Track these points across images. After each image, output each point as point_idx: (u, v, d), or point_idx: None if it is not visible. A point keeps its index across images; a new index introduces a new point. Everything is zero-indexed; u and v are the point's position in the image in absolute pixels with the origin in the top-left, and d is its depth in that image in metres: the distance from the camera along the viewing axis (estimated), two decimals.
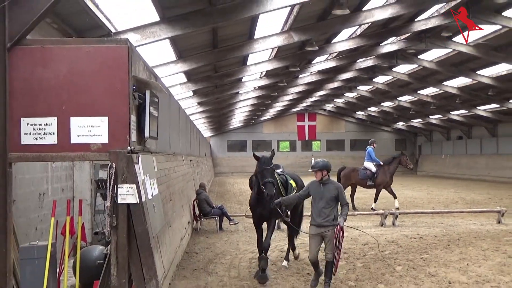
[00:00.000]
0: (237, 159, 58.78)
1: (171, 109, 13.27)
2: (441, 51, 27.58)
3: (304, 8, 16.38)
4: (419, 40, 25.37)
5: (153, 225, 7.87)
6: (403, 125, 57.74)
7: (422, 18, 21.56)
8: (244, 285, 9.05)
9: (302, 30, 18.74)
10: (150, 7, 12.47)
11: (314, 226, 8.66)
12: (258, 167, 9.72)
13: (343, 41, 23.48)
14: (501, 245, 12.73)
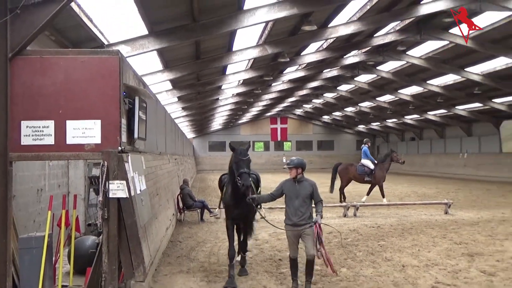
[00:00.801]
0: (217, 158, 58.62)
1: (157, 113, 13.19)
2: (396, 63, 27.93)
3: (277, 24, 16.43)
4: (377, 53, 25.65)
5: (141, 217, 7.82)
6: (364, 127, 58.28)
7: (380, 34, 21.79)
8: (223, 269, 9.02)
9: (275, 43, 18.80)
10: (139, 22, 12.40)
11: (290, 226, 7.63)
12: (234, 158, 8.26)
13: (311, 54, 23.61)
14: (448, 232, 12.92)
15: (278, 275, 8.69)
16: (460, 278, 8.31)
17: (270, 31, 17.28)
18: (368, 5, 16.86)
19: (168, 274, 8.73)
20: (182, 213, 15.83)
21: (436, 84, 30.93)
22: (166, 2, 11.96)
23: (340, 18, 17.90)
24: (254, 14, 13.87)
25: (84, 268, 7.57)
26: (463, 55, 24.08)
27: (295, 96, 41.34)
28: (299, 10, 14.05)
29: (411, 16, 18.15)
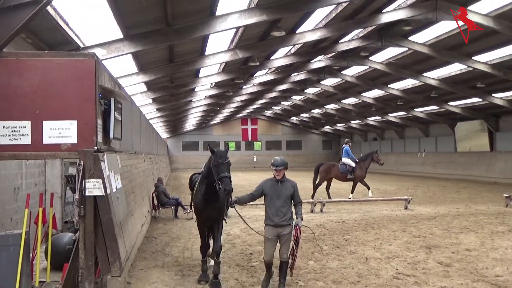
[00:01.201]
0: (191, 157, 58.33)
1: (133, 114, 13.03)
2: (360, 68, 28.28)
3: (247, 30, 16.43)
4: (342, 58, 25.89)
5: (117, 214, 7.72)
6: (329, 128, 58.81)
7: (345, 40, 22.00)
8: (196, 264, 8.97)
9: (245, 48, 18.79)
10: (114, 26, 12.24)
11: (271, 227, 7.14)
12: (214, 161, 7.41)
13: (280, 58, 23.70)
14: (408, 227, 13.15)
15: (249, 268, 8.68)
16: (418, 269, 8.46)
17: (241, 36, 17.27)
18: (333, 13, 17.01)
19: (144, 269, 8.62)
20: (157, 210, 15.68)
21: (397, 88, 31.44)
22: (140, 7, 11.82)
23: (307, 25, 18.01)
24: (226, 20, 13.84)
25: (61, 264, 7.42)
26: (421, 61, 24.53)
27: (265, 98, 41.44)
28: (268, 17, 14.09)
29: (373, 24, 18.39)
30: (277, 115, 57.23)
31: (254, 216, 15.18)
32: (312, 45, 22.03)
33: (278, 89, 35.47)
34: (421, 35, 20.95)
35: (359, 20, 17.98)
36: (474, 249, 10.06)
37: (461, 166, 34.78)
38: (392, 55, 24.55)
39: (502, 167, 30.97)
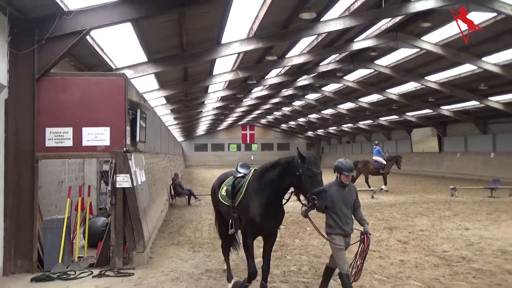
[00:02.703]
0: (201, 156, 58.28)
1: (155, 122, 13.01)
2: (336, 85, 28.29)
3: (246, 54, 16.42)
4: (322, 77, 25.90)
5: (142, 202, 7.69)
6: (312, 133, 58.78)
7: (324, 63, 22.01)
8: (205, 242, 8.94)
9: (245, 69, 18.77)
10: (140, 52, 12.21)
11: (342, 237, 5.16)
12: (306, 170, 4.81)
13: (272, 77, 23.69)
14: (373, 212, 13.14)
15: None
16: (382, 246, 8.45)
17: (242, 60, 17.26)
18: (315, 42, 17.01)
19: (163, 246, 8.58)
20: (173, 199, 15.63)
21: (365, 101, 31.47)
22: (161, 37, 11.80)
23: (294, 51, 18.01)
24: (229, 47, 13.81)
25: (96, 243, 7.40)
26: (385, 80, 24.56)
27: (261, 109, 41.42)
28: (264, 44, 14.08)
29: (347, 50, 18.41)
30: (270, 123, 57.17)
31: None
32: (298, 67, 22.04)
33: (271, 102, 35.48)
34: (384, 59, 20.99)
35: (336, 47, 18.00)
36: (426, 230, 10.06)
37: (416, 164, 34.77)
38: (362, 75, 24.59)
39: (448, 165, 31.03)
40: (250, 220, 5.22)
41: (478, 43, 16.33)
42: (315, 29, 13.72)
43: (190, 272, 6.67)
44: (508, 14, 12.93)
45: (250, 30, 13.62)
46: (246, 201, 5.33)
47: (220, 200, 6.01)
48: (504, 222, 10.98)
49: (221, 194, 6.01)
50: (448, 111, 28.27)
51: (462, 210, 13.20)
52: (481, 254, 7.68)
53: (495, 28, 14.57)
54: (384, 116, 35.83)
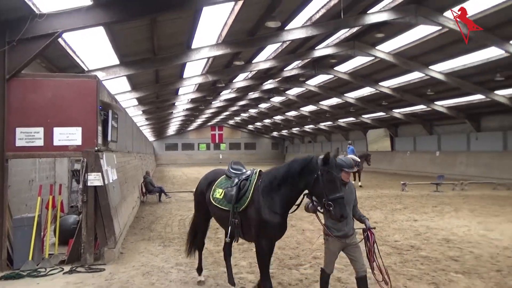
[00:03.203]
0: (172, 155, 57.40)
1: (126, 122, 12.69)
2: (299, 89, 28.60)
3: (216, 59, 16.31)
4: (286, 82, 26.10)
5: (113, 200, 7.47)
6: (276, 133, 59.17)
7: (288, 69, 22.22)
8: (175, 237, 8.80)
9: (214, 73, 18.66)
10: (113, 54, 11.86)
11: (339, 238, 4.40)
12: (326, 174, 4.06)
13: (240, 81, 23.65)
14: None
15: (216, 239, 8.58)
16: None
17: (211, 64, 17.13)
18: (279, 49, 17.13)
19: (134, 242, 8.38)
20: (144, 196, 15.31)
21: (325, 104, 32.00)
22: (133, 41, 11.51)
23: (261, 57, 18.06)
24: (199, 52, 13.67)
25: (67, 240, 7.12)
26: (343, 85, 25.06)
27: (229, 111, 41.27)
28: (232, 50, 14.03)
29: (309, 57, 18.65)
30: (238, 123, 57.09)
31: None
32: (264, 72, 22.13)
33: (238, 104, 35.44)
34: (343, 66, 21.43)
35: (299, 54, 18.20)
36: (380, 222, 10.33)
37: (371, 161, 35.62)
38: (323, 80, 24.98)
39: (400, 162, 32.06)
40: (264, 223, 4.36)
41: (425, 53, 17.00)
42: (280, 37, 13.82)
43: (161, 266, 6.55)
44: (451, 28, 13.52)
45: (219, 36, 13.54)
46: (256, 205, 4.44)
47: (213, 203, 4.97)
48: (448, 214, 11.47)
49: (214, 197, 4.99)
50: (399, 114, 29.23)
51: (411, 204, 13.66)
52: (427, 243, 7.99)
53: (440, 40, 15.20)
54: (343, 118, 36.46)
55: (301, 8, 12.46)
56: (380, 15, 13.43)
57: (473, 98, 21.88)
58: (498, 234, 8.71)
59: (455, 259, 6.82)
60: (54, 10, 6.70)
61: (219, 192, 4.94)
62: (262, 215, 4.41)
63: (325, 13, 12.99)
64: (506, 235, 8.62)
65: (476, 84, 19.30)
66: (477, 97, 21.21)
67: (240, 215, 4.64)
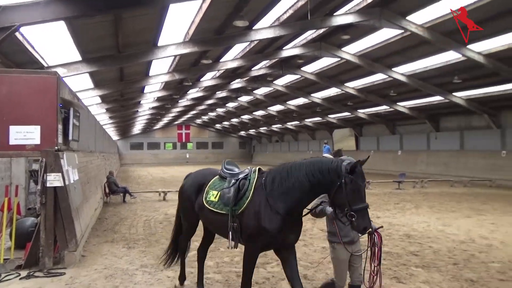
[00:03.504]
0: (137, 155, 56.14)
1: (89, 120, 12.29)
2: (267, 89, 28.79)
3: (183, 57, 16.13)
4: (254, 81, 26.20)
5: (74, 201, 7.21)
6: (244, 133, 59.22)
7: (256, 68, 22.31)
8: (140, 238, 8.61)
9: (181, 71, 18.44)
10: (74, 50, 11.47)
11: (347, 245, 4.11)
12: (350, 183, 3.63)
13: (208, 80, 23.52)
14: None
15: None
16: (307, 235, 8.72)
17: (178, 62, 16.92)
18: (247, 48, 17.18)
19: (96, 244, 8.12)
20: (108, 196, 14.88)
21: (293, 104, 32.37)
22: (96, 36, 11.17)
23: (228, 56, 18.04)
24: (166, 49, 13.48)
25: (24, 244, 6.78)
26: (310, 85, 25.45)
27: (196, 110, 40.90)
28: (199, 48, 13.93)
29: (276, 57, 18.82)
30: (205, 123, 56.67)
31: None
32: (232, 71, 22.11)
33: (206, 103, 35.19)
34: (310, 66, 21.77)
35: (266, 54, 18.32)
36: None
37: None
38: (290, 80, 25.26)
39: None
40: (262, 230, 3.91)
41: (389, 55, 17.58)
42: (247, 36, 13.86)
43: (125, 268, 6.39)
44: (413, 31, 14.06)
45: (187, 34, 13.40)
46: (256, 207, 4.01)
47: (208, 207, 4.46)
48: (409, 211, 11.92)
49: (209, 200, 4.47)
50: (364, 114, 30.04)
51: (375, 201, 14.06)
52: (390, 239, 8.26)
53: (402, 43, 15.77)
54: (309, 117, 37.01)
55: (269, 8, 12.55)
56: (346, 17, 13.75)
57: (433, 99, 22.84)
58: (455, 229, 9.13)
59: (415, 253, 7.10)
60: (11, 2, 6.39)
61: (214, 195, 4.45)
62: (264, 218, 3.91)
63: (293, 13, 13.15)
64: (462, 230, 9.07)
65: (435, 86, 20.17)
66: (437, 98, 22.17)
67: (239, 218, 4.15)
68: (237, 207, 4.18)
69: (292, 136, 47.96)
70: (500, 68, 15.82)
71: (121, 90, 19.84)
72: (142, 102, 27.13)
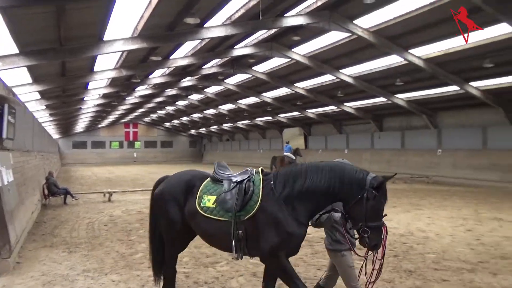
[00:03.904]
0: (80, 154, 53.38)
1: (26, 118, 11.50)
2: (218, 88, 28.66)
3: (131, 53, 15.61)
4: (205, 80, 25.95)
5: (8, 204, 6.71)
6: (195, 131, 58.39)
7: (207, 67, 22.11)
8: (82, 242, 8.20)
9: (129, 67, 17.81)
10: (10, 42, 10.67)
11: (351, 251, 3.93)
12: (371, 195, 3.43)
13: (157, 77, 22.93)
14: None
15: (128, 242, 8.18)
16: None
17: (125, 58, 16.33)
18: (198, 46, 16.97)
19: (33, 250, 7.60)
20: (47, 198, 14.00)
21: (244, 103, 32.48)
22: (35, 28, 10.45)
23: (179, 53, 17.70)
24: (113, 44, 12.94)
25: None
26: (261, 84, 25.68)
27: (145, 108, 39.68)
28: (148, 44, 13.54)
29: (228, 56, 18.78)
30: (154, 121, 55.17)
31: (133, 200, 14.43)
32: (182, 69, 21.73)
33: (155, 101, 34.28)
34: (261, 66, 21.97)
35: (218, 53, 18.21)
36: None
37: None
38: (241, 79, 25.33)
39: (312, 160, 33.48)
40: (285, 233, 3.59)
41: (337, 57, 18.20)
42: (198, 34, 13.69)
43: (65, 274, 6.05)
44: (359, 35, 14.65)
45: (135, 29, 12.97)
46: (269, 213, 3.66)
47: (203, 214, 3.97)
48: None
49: (204, 206, 3.99)
50: (313, 114, 30.85)
51: None
52: None
53: (349, 46, 16.39)
54: (260, 117, 37.31)
55: (220, 7, 12.48)
56: (296, 19, 14.02)
57: (377, 100, 23.98)
58: (395, 223, 9.64)
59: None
60: None
61: (210, 200, 3.98)
62: (282, 221, 3.60)
63: (245, 13, 13.18)
64: (402, 223, 9.61)
65: (379, 87, 21.19)
66: (380, 99, 23.31)
67: (245, 225, 3.75)
68: (242, 212, 3.77)
69: (243, 135, 48.13)
70: (437, 72, 16.95)
71: (62, 86, 18.79)
72: (86, 99, 25.86)
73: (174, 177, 4.48)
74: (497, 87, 17.80)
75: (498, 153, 19.24)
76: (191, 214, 4.07)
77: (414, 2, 12.61)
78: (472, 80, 17.80)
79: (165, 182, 4.44)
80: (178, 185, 4.27)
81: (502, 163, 18.77)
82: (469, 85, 18.01)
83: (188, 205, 4.11)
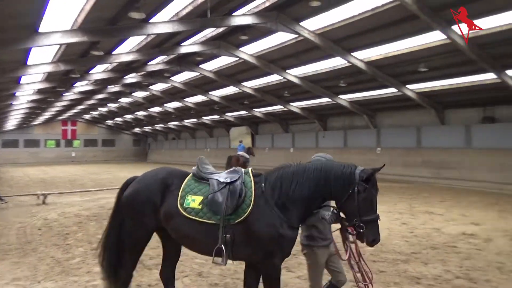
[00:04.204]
0: (10, 153, 49.44)
1: None
2: (164, 85, 27.96)
3: (69, 47, 14.71)
4: (150, 76, 25.20)
5: None
6: (139, 130, 56.53)
7: (152, 63, 21.49)
8: (12, 248, 7.58)
9: (67, 62, 16.77)
10: None
11: (324, 248, 3.94)
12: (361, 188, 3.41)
13: (99, 73, 21.84)
14: None
15: (65, 246, 7.71)
16: None
17: (64, 51, 15.37)
18: (144, 42, 16.41)
19: None
20: None
21: (190, 101, 32.02)
22: None
23: (123, 48, 17.00)
24: (49, 37, 12.11)
25: None
26: (208, 83, 25.46)
27: (84, 105, 37.63)
28: (89, 38, 12.85)
29: (174, 53, 18.38)
30: (95, 118, 52.59)
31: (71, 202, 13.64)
32: (126, 65, 20.89)
33: (96, 98, 32.66)
34: (208, 64, 21.76)
35: (164, 49, 17.74)
36: None
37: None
38: (188, 77, 24.93)
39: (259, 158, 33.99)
40: (278, 237, 3.51)
41: (283, 57, 18.53)
42: (144, 29, 13.23)
43: None
44: (305, 37, 15.03)
45: (75, 22, 12.25)
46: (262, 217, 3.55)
47: (186, 216, 3.71)
48: None
49: (188, 207, 3.73)
50: (260, 113, 31.18)
51: None
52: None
53: (296, 47, 16.77)
54: (207, 115, 37.00)
55: (167, 2, 12.17)
56: (244, 18, 14.06)
57: (321, 100, 24.78)
58: None
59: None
60: None
61: (195, 200, 3.74)
62: (278, 224, 3.50)
63: (192, 10, 12.96)
64: None
65: (324, 88, 21.91)
66: (325, 100, 24.11)
67: (233, 229, 3.58)
68: (233, 216, 3.59)
69: (189, 133, 47.48)
70: (377, 74, 17.88)
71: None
72: (18, 94, 23.99)
73: (148, 175, 4.16)
74: (430, 90, 19.19)
75: (430, 151, 20.79)
76: (169, 215, 3.78)
77: (357, 7, 13.19)
78: (408, 83, 19.01)
79: (138, 182, 4.10)
80: (154, 183, 3.96)
81: (433, 160, 20.34)
82: (405, 87, 19.21)
83: (166, 206, 3.82)
